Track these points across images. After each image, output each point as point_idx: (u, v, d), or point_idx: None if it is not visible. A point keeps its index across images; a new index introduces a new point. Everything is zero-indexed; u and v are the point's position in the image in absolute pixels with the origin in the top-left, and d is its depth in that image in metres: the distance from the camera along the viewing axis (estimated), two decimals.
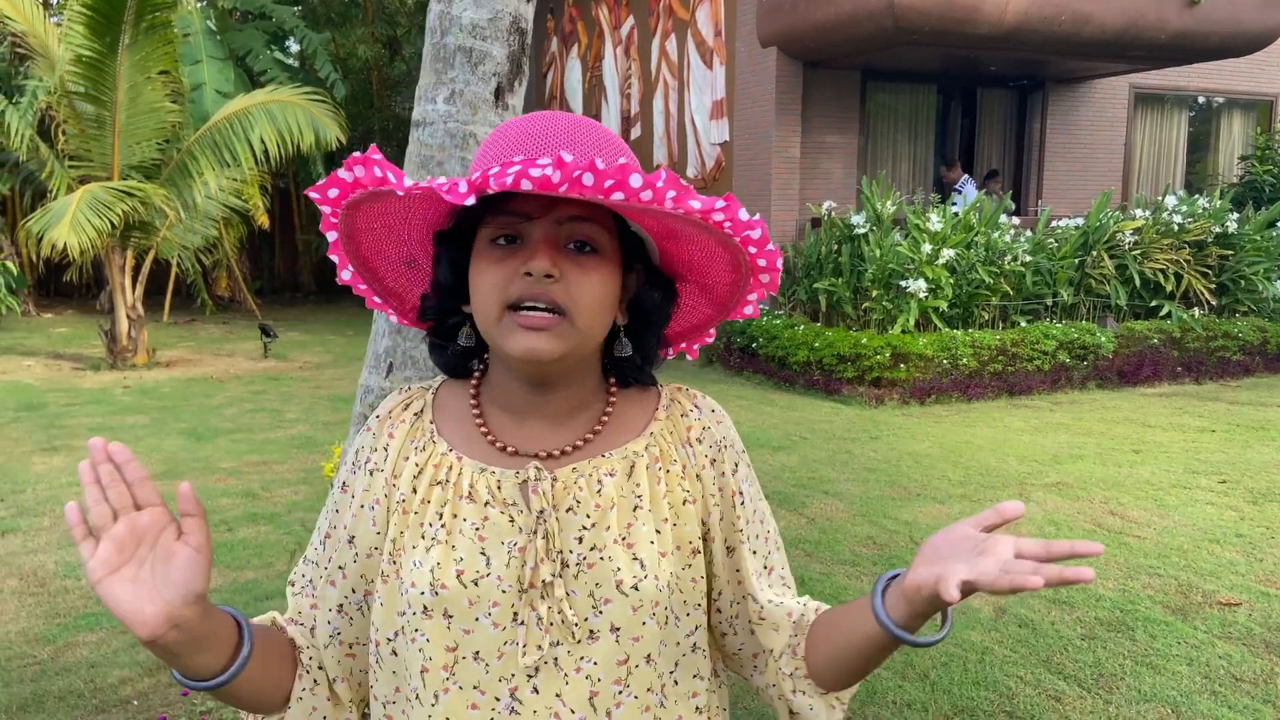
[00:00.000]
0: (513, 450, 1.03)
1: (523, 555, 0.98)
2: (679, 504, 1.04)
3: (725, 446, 1.08)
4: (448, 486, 1.02)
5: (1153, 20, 9.66)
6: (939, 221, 8.66)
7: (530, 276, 0.94)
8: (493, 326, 0.97)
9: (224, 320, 15.09)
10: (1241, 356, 9.62)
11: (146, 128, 9.97)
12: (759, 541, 1.10)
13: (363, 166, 0.93)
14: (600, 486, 1.01)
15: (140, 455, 6.48)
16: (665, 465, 1.05)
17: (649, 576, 0.99)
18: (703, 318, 1.14)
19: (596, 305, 0.97)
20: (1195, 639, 3.67)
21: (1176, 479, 5.87)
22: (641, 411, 1.08)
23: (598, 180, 0.83)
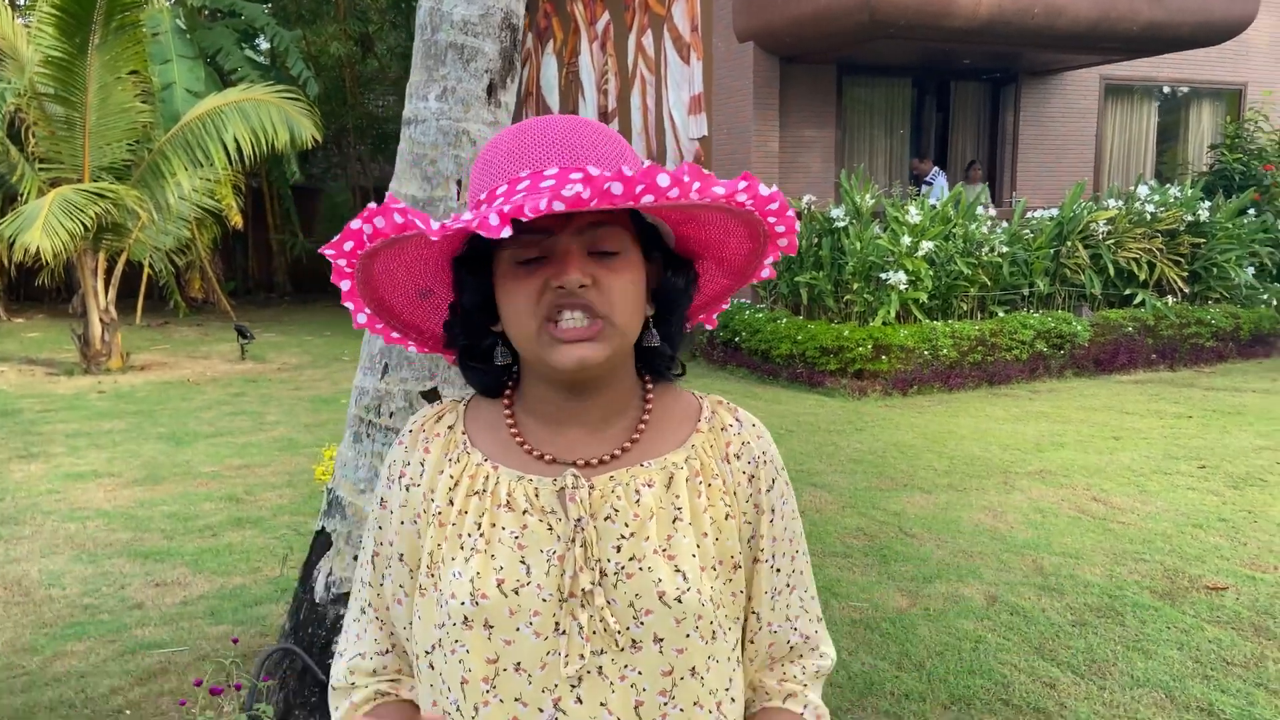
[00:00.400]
0: (550, 458, 1.02)
1: (561, 564, 0.98)
2: (721, 518, 1.04)
3: (763, 463, 1.08)
4: (485, 496, 1.01)
5: (1124, 11, 9.75)
6: (918, 214, 8.71)
7: (563, 289, 0.94)
8: (533, 343, 0.97)
9: (198, 322, 14.93)
10: (1214, 343, 9.74)
11: (117, 128, 9.83)
12: (785, 560, 1.09)
13: (383, 217, 0.92)
14: (639, 496, 1.00)
15: (119, 460, 6.42)
16: (706, 479, 1.04)
17: (692, 589, 0.98)
18: (720, 288, 1.15)
19: (631, 304, 0.98)
20: (1184, 623, 3.71)
21: (1157, 465, 5.93)
22: (682, 421, 1.08)
23: (627, 188, 0.83)
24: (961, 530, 4.79)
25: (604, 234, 0.96)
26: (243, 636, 3.61)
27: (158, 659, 3.52)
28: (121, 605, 4.03)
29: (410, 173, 2.60)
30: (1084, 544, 4.56)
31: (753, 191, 0.92)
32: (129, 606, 4.02)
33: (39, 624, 3.84)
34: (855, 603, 3.94)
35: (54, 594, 4.15)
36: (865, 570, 4.29)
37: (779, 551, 1.08)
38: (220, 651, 3.55)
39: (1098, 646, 3.53)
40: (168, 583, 4.29)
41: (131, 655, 3.56)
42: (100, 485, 5.84)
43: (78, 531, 4.95)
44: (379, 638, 1.10)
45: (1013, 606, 3.87)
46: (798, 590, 1.10)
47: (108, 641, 3.68)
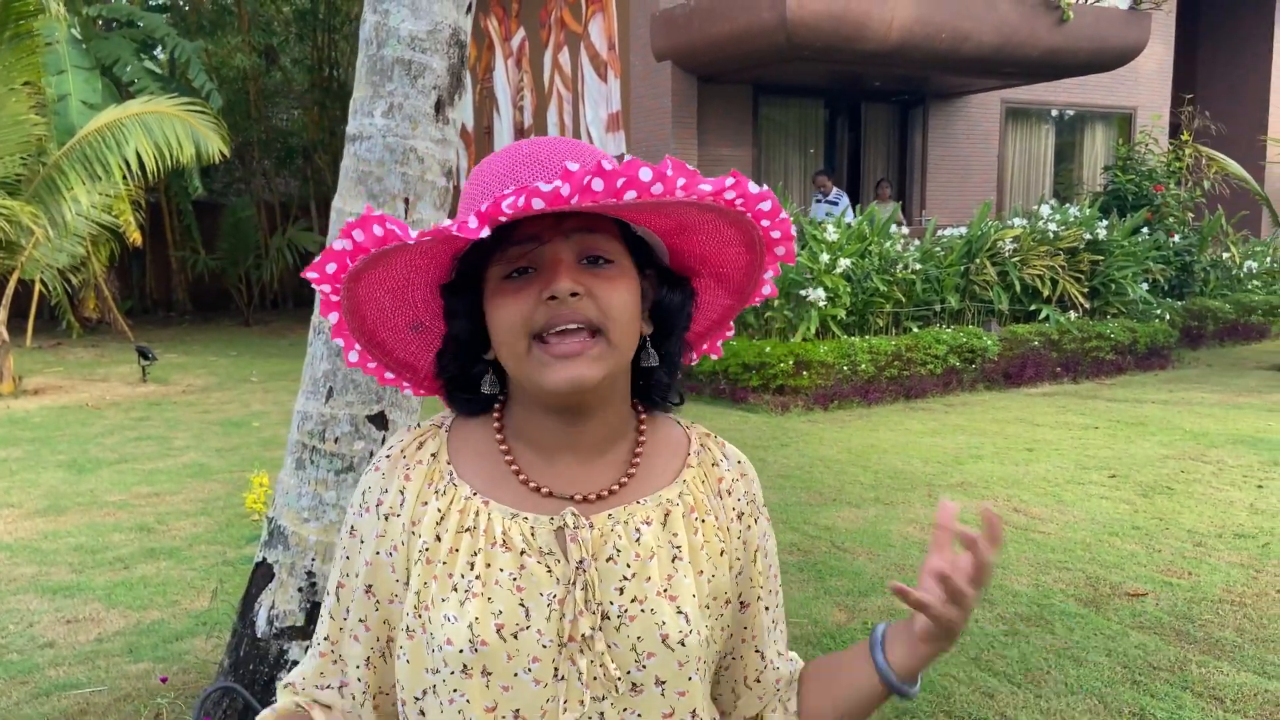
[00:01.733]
0: (546, 491, 0.98)
1: (561, 607, 0.94)
2: (716, 555, 1.02)
3: (750, 501, 1.07)
4: (477, 534, 0.96)
5: (1025, 37, 10.16)
6: (835, 232, 8.88)
7: (555, 300, 0.90)
8: (522, 363, 0.93)
9: (93, 343, 14.28)
10: (1114, 356, 10.17)
11: (9, 141, 9.35)
12: (773, 597, 1.09)
13: (361, 230, 0.87)
14: (639, 535, 0.97)
15: (18, 490, 6.07)
16: (701, 515, 1.02)
17: (694, 631, 0.96)
18: (722, 310, 1.10)
19: (628, 316, 0.94)
20: (1110, 630, 3.83)
21: (1070, 475, 6.14)
22: (672, 455, 1.05)
23: (608, 183, 0.80)
24: (892, 543, 4.87)
25: (594, 240, 0.93)
26: (167, 674, 3.44)
27: (75, 700, 3.33)
28: (31, 644, 3.79)
29: (355, 190, 2.53)
30: (1009, 554, 4.68)
31: (742, 189, 0.89)
32: (39, 645, 3.79)
33: None
34: (795, 619, 3.96)
35: None
36: (802, 586, 4.32)
37: (768, 589, 1.08)
38: (142, 691, 3.37)
39: (1031, 655, 3.62)
40: (79, 619, 4.06)
41: (46, 697, 3.35)
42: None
43: None
44: (326, 671, 1.05)
45: None
46: (780, 624, 1.12)
47: (19, 683, 3.46)
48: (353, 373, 2.50)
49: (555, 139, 0.97)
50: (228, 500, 5.81)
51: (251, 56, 17.50)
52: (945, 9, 9.61)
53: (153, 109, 9.86)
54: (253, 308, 17.78)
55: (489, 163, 0.97)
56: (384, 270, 0.95)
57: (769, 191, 0.92)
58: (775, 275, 1.06)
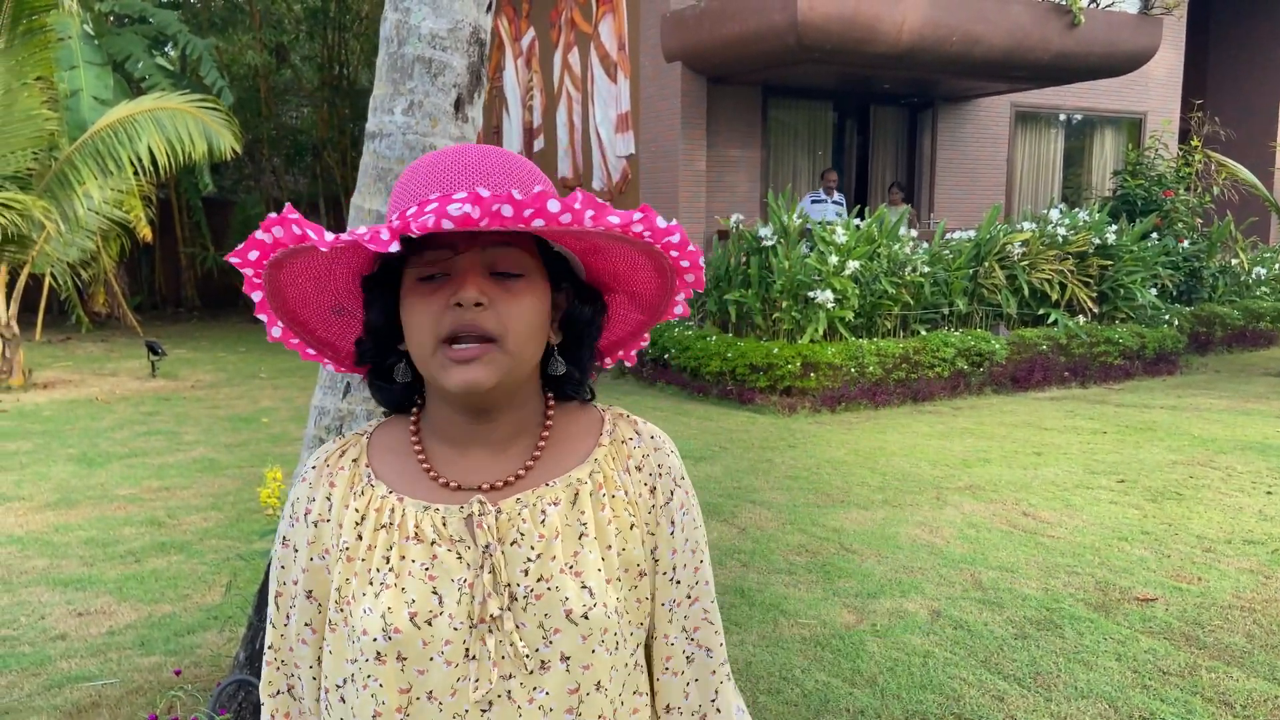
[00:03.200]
0: (455, 485, 1.04)
1: (472, 590, 0.99)
2: (626, 528, 1.05)
3: (663, 474, 1.09)
4: (393, 529, 1.02)
5: (1036, 41, 10.15)
6: (844, 234, 8.88)
7: (460, 307, 0.95)
8: (428, 363, 0.99)
9: (103, 338, 14.33)
10: (1122, 361, 10.15)
11: (21, 136, 9.39)
12: (685, 571, 1.10)
13: (280, 227, 0.93)
14: (544, 516, 1.02)
15: (29, 483, 6.10)
16: (610, 491, 1.06)
17: (598, 605, 1.00)
18: (635, 324, 1.17)
19: (527, 329, 0.99)
20: (1120, 634, 3.83)
21: (1079, 479, 6.14)
22: (584, 435, 1.09)
23: (516, 211, 0.85)
24: (900, 546, 4.87)
25: (505, 255, 0.98)
26: (179, 666, 3.45)
27: (87, 692, 3.34)
28: (43, 636, 3.82)
29: (374, 187, 2.54)
30: (1018, 558, 4.69)
31: (649, 224, 0.93)
32: (51, 637, 3.81)
33: None
34: (803, 620, 3.97)
35: None
36: (810, 587, 4.33)
37: (679, 564, 1.09)
38: (154, 683, 3.39)
39: (1040, 659, 3.62)
40: (91, 612, 4.08)
41: (59, 689, 3.37)
42: (10, 510, 5.54)
43: None
44: (272, 679, 1.11)
45: (956, 621, 3.95)
46: (700, 602, 1.11)
47: (31, 675, 3.48)
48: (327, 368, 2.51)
49: (486, 146, 1.02)
50: (238, 495, 5.84)
51: (262, 54, 17.54)
52: (957, 12, 9.61)
53: (165, 105, 9.89)
54: None
55: (420, 164, 1.02)
56: (306, 260, 1.02)
57: (678, 226, 0.97)
58: (687, 298, 1.11)
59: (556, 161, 12.99)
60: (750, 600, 4.15)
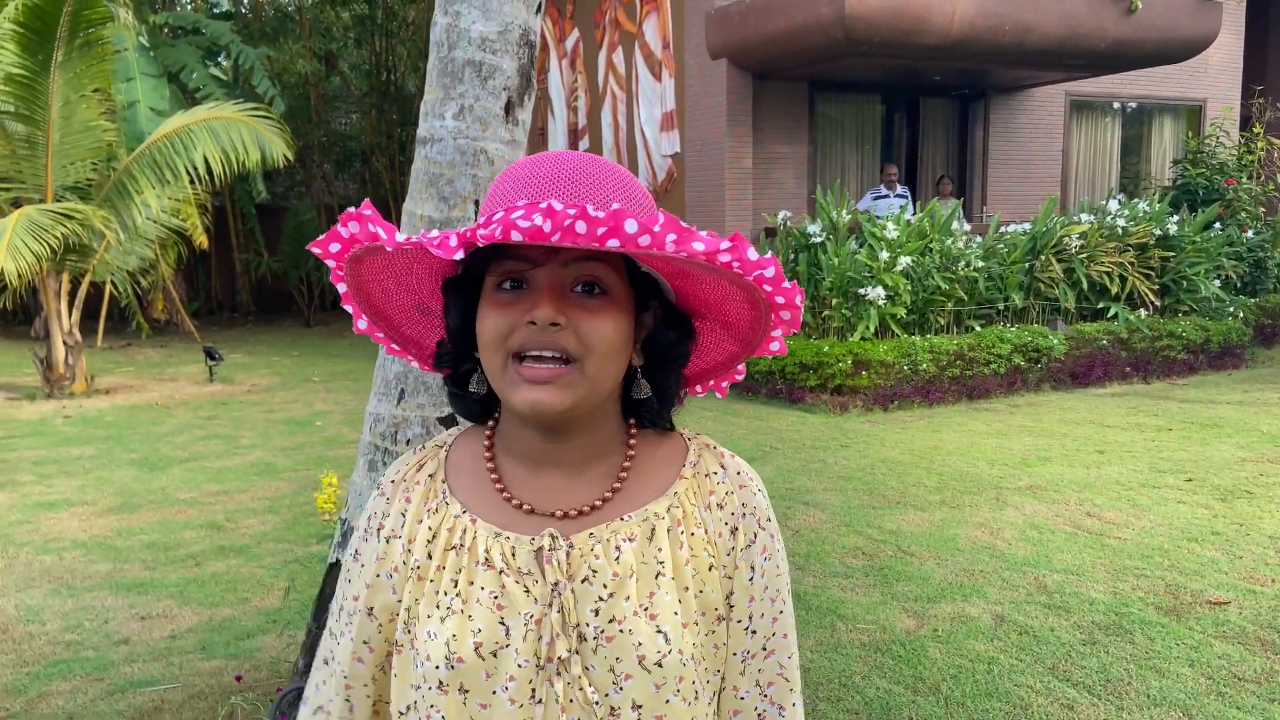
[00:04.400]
0: (529, 509, 0.99)
1: (539, 628, 0.94)
2: (704, 569, 0.99)
3: (746, 515, 1.02)
4: (463, 551, 0.98)
5: (1092, 29, 9.91)
6: (895, 229, 8.75)
7: (534, 325, 0.91)
8: (499, 377, 0.94)
9: (162, 344, 14.63)
10: (1185, 355, 9.88)
11: (81, 147, 9.61)
12: (762, 621, 1.02)
13: (356, 222, 0.91)
14: (619, 554, 0.96)
15: (91, 488, 6.23)
16: (689, 529, 0.99)
17: (673, 650, 0.94)
18: (727, 354, 1.09)
19: (608, 350, 0.93)
20: (1192, 639, 3.70)
21: (1144, 478, 5.97)
22: (666, 466, 1.03)
23: (590, 228, 0.80)
24: (960, 548, 4.77)
25: (593, 268, 0.92)
26: (240, 672, 3.48)
27: (150, 697, 3.39)
28: (106, 641, 3.88)
29: (426, 193, 2.53)
30: (1084, 560, 4.56)
31: (739, 254, 0.85)
32: (114, 642, 3.87)
33: (20, 663, 3.68)
34: (862, 625, 3.89)
35: (34, 631, 3.98)
36: (868, 591, 4.25)
37: (756, 612, 1.02)
38: (215, 688, 3.42)
39: (1111, 665, 3.51)
40: (153, 616, 4.14)
41: (121, 694, 3.42)
42: (74, 514, 5.65)
43: (54, 564, 4.78)
44: (338, 691, 1.06)
45: (1021, 626, 3.85)
46: (776, 655, 1.03)
47: (95, 680, 3.53)
48: (424, 375, 2.50)
49: (584, 154, 0.97)
50: (294, 499, 5.90)
51: (312, 62, 17.78)
52: (1008, 1, 9.42)
53: (219, 115, 10.05)
54: (313, 309, 18.09)
55: (514, 169, 0.97)
56: (386, 258, 0.98)
57: (772, 259, 0.89)
58: (786, 335, 1.02)
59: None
60: (806, 605, 4.09)
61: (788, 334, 1.02)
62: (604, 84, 12.77)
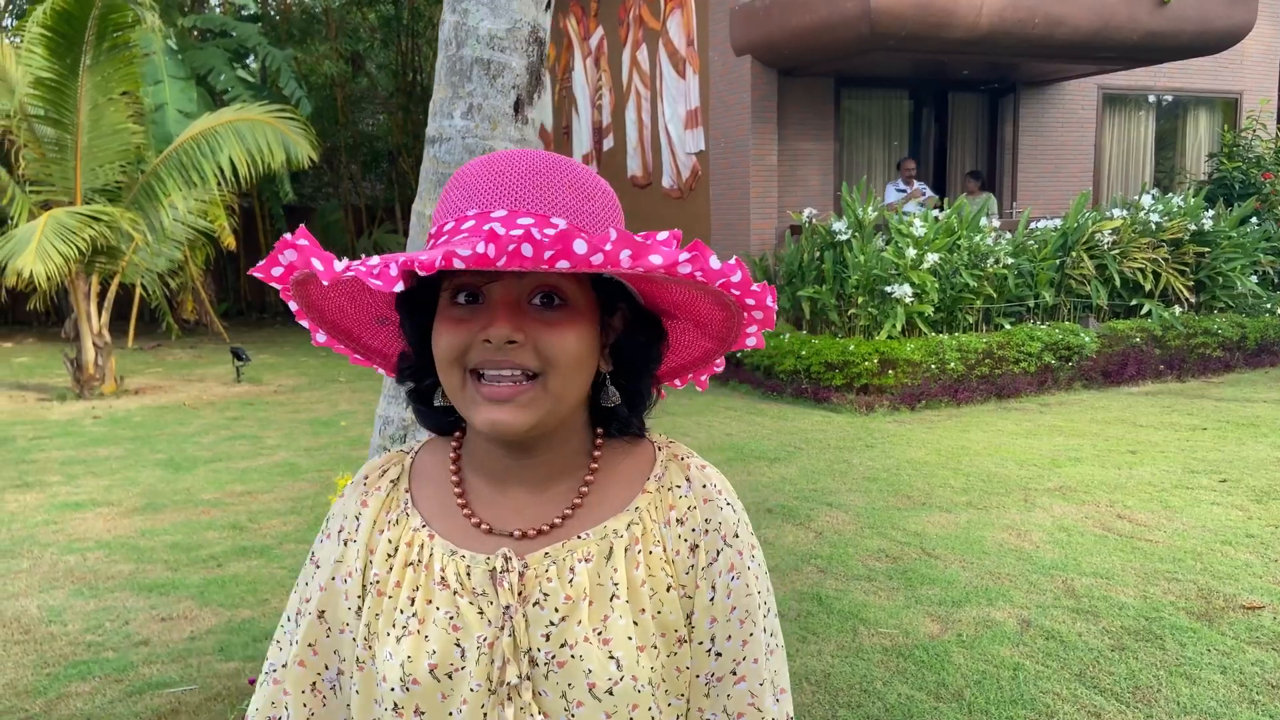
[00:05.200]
0: (487, 528, 0.95)
1: (491, 651, 0.91)
2: (661, 589, 0.94)
3: (710, 530, 0.96)
4: (419, 569, 0.95)
5: (1124, 20, 9.73)
6: (922, 226, 8.64)
7: (489, 344, 0.86)
8: (458, 395, 0.90)
9: (191, 344, 14.77)
10: (1221, 353, 9.68)
11: (109, 150, 9.71)
12: (728, 643, 0.95)
13: (293, 250, 0.86)
14: (573, 575, 0.92)
15: (117, 488, 6.27)
16: (647, 546, 0.94)
17: (625, 678, 0.90)
18: (703, 350, 1.04)
19: (571, 363, 0.88)
20: (1224, 645, 3.60)
21: (1177, 479, 5.84)
22: (630, 479, 0.98)
23: (537, 251, 0.75)
24: (986, 551, 4.68)
25: (549, 279, 0.87)
26: (253, 674, 3.48)
27: (168, 699, 3.39)
28: (126, 642, 3.89)
29: (434, 194, 2.50)
30: (1113, 564, 4.46)
31: (700, 264, 0.80)
32: (134, 643, 3.88)
33: (41, 664, 3.70)
34: (885, 629, 3.82)
35: (55, 631, 4.00)
36: (891, 594, 4.18)
37: (720, 634, 0.95)
38: (233, 690, 3.42)
39: (1140, 672, 3.42)
40: (173, 617, 4.15)
41: (140, 695, 3.42)
42: (99, 515, 5.70)
43: (78, 564, 4.81)
44: (276, 700, 1.03)
45: (1048, 631, 3.76)
46: (747, 682, 0.96)
47: (114, 681, 3.54)
48: None
49: (538, 154, 0.91)
50: (316, 499, 5.91)
51: (339, 63, 17.90)
52: None
53: (245, 116, 10.12)
54: None
55: (465, 171, 0.92)
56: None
57: (737, 264, 0.83)
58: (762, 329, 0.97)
59: (626, 160, 12.94)
60: (828, 608, 4.03)
61: (763, 330, 0.97)
62: (628, 82, 12.73)
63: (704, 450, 6.83)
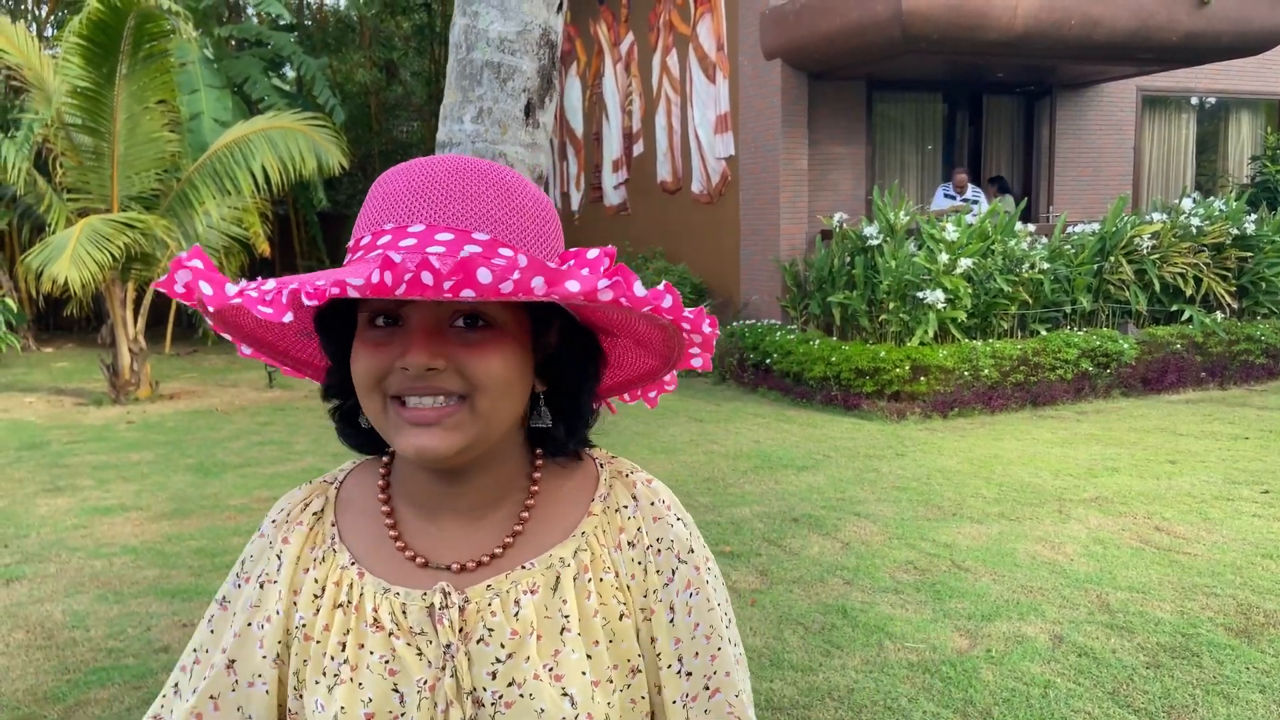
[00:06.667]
0: (422, 561, 0.89)
1: (433, 695, 0.85)
2: (614, 619, 0.89)
3: (662, 549, 0.91)
4: (350, 610, 0.88)
5: (1163, 21, 9.54)
6: (955, 231, 8.50)
7: (407, 371, 0.80)
8: (380, 420, 0.84)
9: (226, 350, 14.91)
10: (1265, 360, 9.44)
11: (145, 158, 9.83)
12: (696, 661, 0.91)
13: (187, 271, 0.79)
14: (518, 609, 0.86)
15: (147, 493, 6.32)
16: (596, 574, 0.89)
17: (580, 715, 0.85)
18: (648, 368, 0.98)
19: (499, 387, 0.82)
20: (1264, 664, 3.47)
21: (1218, 490, 5.68)
22: (574, 502, 0.92)
23: (437, 281, 0.68)
24: (1018, 563, 4.56)
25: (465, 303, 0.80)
26: None
27: None
28: (147, 648, 3.89)
29: None
30: (1150, 577, 4.33)
31: (623, 291, 0.73)
32: (155, 649, 3.88)
33: (61, 669, 3.71)
34: (911, 644, 3.73)
35: (78, 636, 4.02)
36: (919, 608, 4.08)
37: (688, 653, 0.91)
38: None
39: (1175, 690, 3.31)
40: (195, 623, 4.14)
41: None
42: (128, 519, 5.74)
43: (104, 569, 4.84)
44: None
45: (1081, 647, 3.65)
46: (723, 694, 0.93)
47: (133, 688, 3.54)
48: None
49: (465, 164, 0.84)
50: None
51: (372, 71, 18.04)
52: None
53: (277, 124, 10.20)
54: None
55: (386, 180, 0.86)
56: None
57: (662, 292, 0.78)
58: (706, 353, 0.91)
59: (656, 166, 12.90)
60: (853, 621, 3.94)
61: (706, 352, 0.91)
62: (658, 87, 12.69)
63: (731, 458, 6.76)
